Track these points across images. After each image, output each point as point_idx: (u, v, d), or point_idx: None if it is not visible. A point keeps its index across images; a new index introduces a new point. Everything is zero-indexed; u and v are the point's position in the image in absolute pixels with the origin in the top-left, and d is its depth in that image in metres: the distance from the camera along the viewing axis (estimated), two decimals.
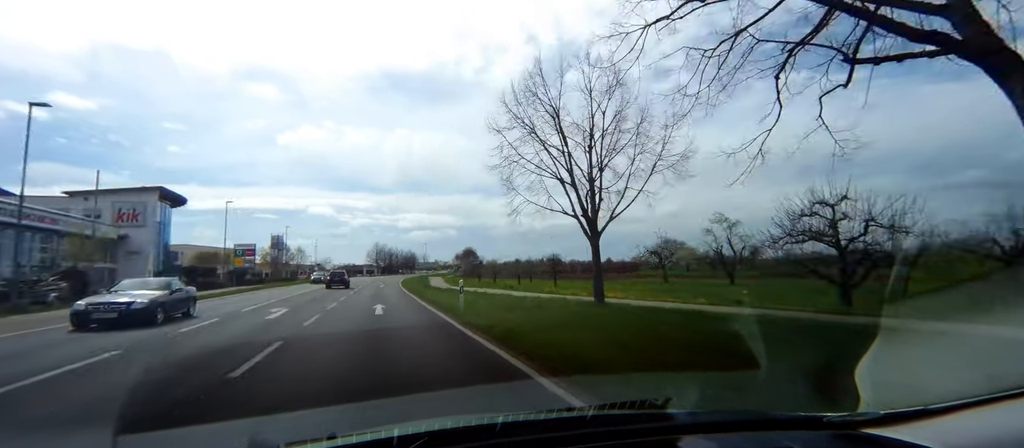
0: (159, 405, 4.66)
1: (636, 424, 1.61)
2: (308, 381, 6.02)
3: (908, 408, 1.44)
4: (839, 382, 2.34)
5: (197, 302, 16.07)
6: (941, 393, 1.46)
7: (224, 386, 5.59)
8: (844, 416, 1.53)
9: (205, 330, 11.52)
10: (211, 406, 4.80)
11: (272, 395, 5.25)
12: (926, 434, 1.32)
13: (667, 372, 5.80)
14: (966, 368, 2.15)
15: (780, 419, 1.70)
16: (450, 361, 7.54)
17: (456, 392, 5.11)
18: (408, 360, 7.60)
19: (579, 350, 7.15)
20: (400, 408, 4.02)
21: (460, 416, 1.72)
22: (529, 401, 4.77)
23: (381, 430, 1.58)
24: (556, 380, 5.26)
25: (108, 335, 10.09)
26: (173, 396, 5.05)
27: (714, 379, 5.04)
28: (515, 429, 1.48)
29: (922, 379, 2.04)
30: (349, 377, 6.14)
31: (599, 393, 4.62)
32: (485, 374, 6.45)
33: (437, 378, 6.13)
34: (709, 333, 8.64)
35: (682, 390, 3.89)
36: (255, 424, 3.79)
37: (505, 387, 5.50)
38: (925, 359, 2.40)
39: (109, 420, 4.11)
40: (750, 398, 4.10)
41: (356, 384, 5.72)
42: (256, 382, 5.76)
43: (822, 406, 2.08)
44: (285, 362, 7.24)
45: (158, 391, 5.34)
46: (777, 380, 4.46)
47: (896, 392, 1.85)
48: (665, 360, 6.55)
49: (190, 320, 13.64)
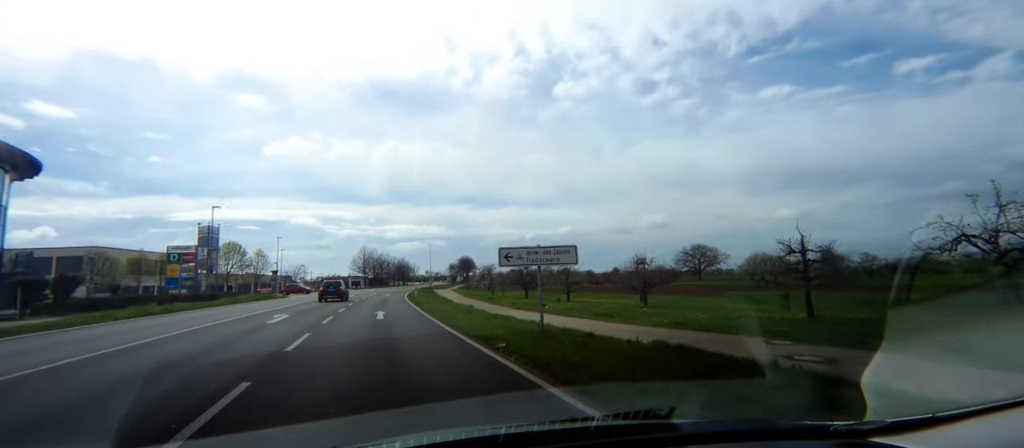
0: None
1: (640, 434, 1.60)
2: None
3: (915, 416, 1.43)
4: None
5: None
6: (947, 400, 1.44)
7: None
8: (851, 425, 1.51)
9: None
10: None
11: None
12: (933, 442, 1.31)
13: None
14: (971, 375, 2.13)
15: (786, 428, 1.69)
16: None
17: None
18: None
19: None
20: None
21: (462, 428, 1.71)
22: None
23: (383, 442, 1.57)
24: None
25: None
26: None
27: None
28: (518, 440, 1.46)
29: (927, 386, 2.02)
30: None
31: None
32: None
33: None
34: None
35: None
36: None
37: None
38: (928, 367, 2.39)
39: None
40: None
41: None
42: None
43: (828, 415, 2.06)
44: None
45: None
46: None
47: (900, 400, 1.84)
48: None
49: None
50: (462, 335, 11.11)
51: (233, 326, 14.43)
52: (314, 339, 10.65)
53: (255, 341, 10.65)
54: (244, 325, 14.71)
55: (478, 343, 9.60)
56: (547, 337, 9.55)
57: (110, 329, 14.41)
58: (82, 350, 9.62)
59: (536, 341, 8.92)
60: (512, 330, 11.15)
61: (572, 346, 8.14)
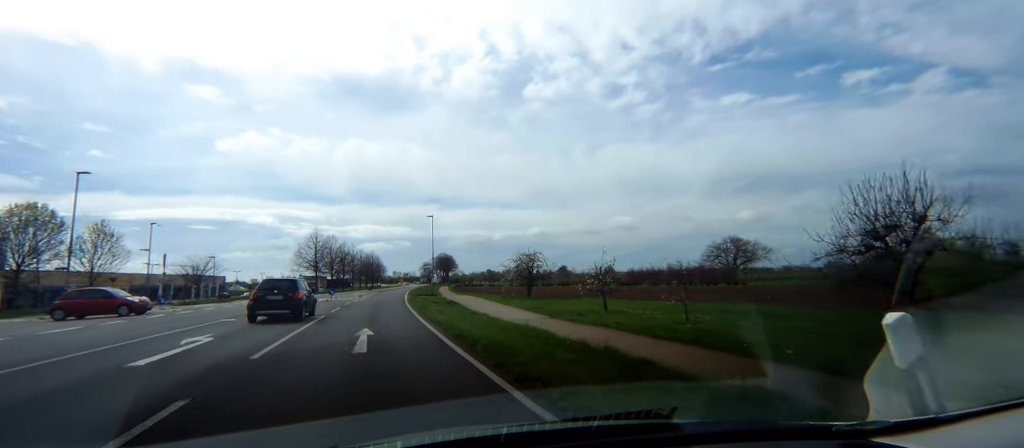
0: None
1: (642, 434, 1.59)
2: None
3: (918, 417, 1.42)
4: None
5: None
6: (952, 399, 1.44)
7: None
8: (854, 425, 1.51)
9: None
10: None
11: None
12: (937, 443, 1.30)
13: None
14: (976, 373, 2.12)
15: (789, 428, 1.69)
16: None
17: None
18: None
19: None
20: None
21: (462, 427, 1.71)
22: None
23: (383, 442, 1.57)
24: None
25: None
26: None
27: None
28: (520, 440, 1.47)
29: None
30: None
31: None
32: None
33: None
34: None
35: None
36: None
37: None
38: None
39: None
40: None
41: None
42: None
43: (832, 415, 2.05)
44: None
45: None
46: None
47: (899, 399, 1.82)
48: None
49: None
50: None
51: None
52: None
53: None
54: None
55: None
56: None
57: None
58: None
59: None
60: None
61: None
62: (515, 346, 8.31)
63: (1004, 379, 1.97)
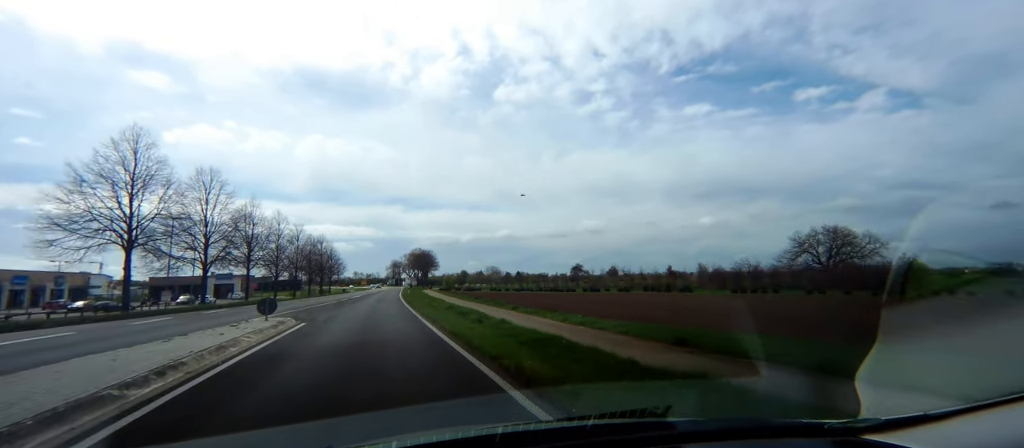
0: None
1: (637, 433, 1.60)
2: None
3: (909, 414, 1.44)
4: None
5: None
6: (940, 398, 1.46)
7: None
8: (845, 423, 1.53)
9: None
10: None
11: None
12: (927, 440, 1.32)
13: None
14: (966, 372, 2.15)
15: (781, 426, 1.70)
16: None
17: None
18: None
19: None
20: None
21: (458, 427, 1.71)
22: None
23: (379, 442, 1.57)
24: None
25: None
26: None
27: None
28: (515, 439, 1.47)
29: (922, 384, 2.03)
30: None
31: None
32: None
33: None
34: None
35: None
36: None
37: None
38: (924, 364, 2.40)
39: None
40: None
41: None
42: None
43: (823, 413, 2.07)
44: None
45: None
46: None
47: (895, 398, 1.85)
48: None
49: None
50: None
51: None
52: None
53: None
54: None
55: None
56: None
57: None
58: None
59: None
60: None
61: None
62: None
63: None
